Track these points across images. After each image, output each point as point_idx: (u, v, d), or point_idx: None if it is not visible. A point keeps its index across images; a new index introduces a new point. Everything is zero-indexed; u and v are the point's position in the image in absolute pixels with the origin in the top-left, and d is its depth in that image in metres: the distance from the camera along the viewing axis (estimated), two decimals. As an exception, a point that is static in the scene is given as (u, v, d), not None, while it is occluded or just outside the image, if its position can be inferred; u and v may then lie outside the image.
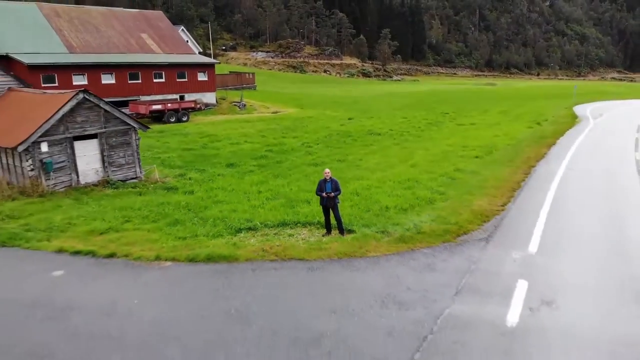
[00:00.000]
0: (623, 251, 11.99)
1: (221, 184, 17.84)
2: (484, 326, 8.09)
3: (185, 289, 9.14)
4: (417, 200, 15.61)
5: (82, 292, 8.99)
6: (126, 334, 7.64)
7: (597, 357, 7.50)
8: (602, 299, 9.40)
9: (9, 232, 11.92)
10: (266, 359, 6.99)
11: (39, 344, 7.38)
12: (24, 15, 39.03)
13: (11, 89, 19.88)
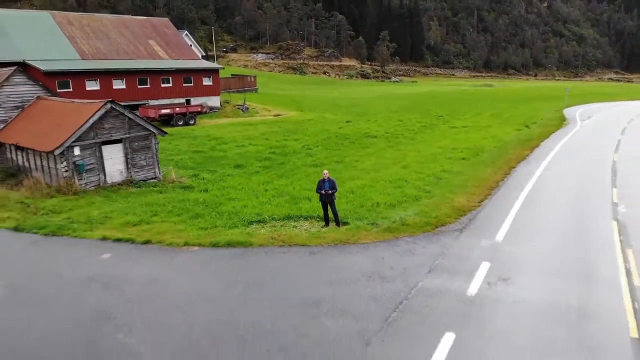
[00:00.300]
0: (578, 241, 14.22)
1: (231, 183, 20.07)
2: (448, 295, 10.31)
3: (212, 267, 11.37)
4: (405, 198, 17.84)
5: (128, 270, 11.21)
6: (168, 299, 9.86)
7: (536, 319, 9.69)
8: (549, 277, 11.62)
9: (56, 224, 14.14)
10: (279, 316, 9.21)
11: (101, 308, 9.58)
12: (38, 24, 41.21)
13: (40, 98, 22.08)
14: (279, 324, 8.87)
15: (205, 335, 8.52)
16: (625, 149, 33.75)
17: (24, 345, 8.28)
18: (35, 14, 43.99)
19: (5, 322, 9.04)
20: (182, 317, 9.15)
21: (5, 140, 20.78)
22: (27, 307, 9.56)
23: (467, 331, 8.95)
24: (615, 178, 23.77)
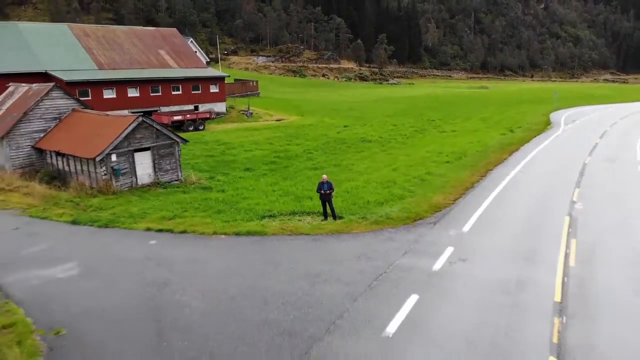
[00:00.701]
0: (532, 232, 17.54)
1: (244, 184, 23.44)
2: (417, 270, 13.67)
3: (237, 250, 14.74)
4: (391, 197, 21.20)
5: (173, 252, 14.56)
6: (207, 272, 13.21)
7: (483, 288, 13.01)
8: (500, 259, 14.95)
9: (106, 218, 17.48)
10: (289, 282, 12.55)
11: (158, 278, 12.91)
12: (57, 36, 44.57)
13: (75, 110, 25.41)
14: (289, 288, 12.22)
15: (237, 294, 11.87)
16: (599, 152, 37.18)
17: (110, 303, 11.60)
18: (54, 26, 47.29)
19: (89, 289, 12.35)
20: (219, 284, 12.50)
21: (46, 147, 24.11)
22: (102, 279, 12.90)
23: (428, 294, 12.30)
24: (581, 179, 27.14)
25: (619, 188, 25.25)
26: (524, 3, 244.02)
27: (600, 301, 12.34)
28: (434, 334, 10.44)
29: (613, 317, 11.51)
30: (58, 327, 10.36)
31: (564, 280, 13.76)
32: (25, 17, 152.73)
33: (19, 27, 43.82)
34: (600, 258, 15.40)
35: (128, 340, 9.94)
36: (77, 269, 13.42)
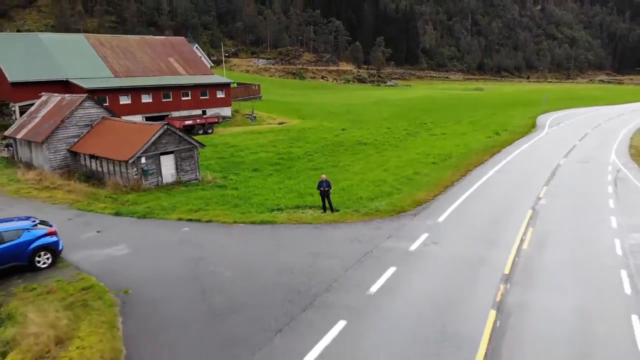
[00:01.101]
0: (497, 222, 21.17)
1: (253, 183, 27.09)
2: (397, 250, 17.31)
3: (254, 235, 18.38)
4: (381, 193, 24.85)
5: (202, 237, 18.21)
6: (232, 252, 16.83)
7: (448, 263, 16.61)
8: (466, 243, 18.58)
9: (142, 210, 21.11)
10: (296, 258, 16.18)
11: (195, 256, 16.51)
12: (75, 45, 48.15)
13: (104, 118, 29.04)
14: (296, 262, 15.86)
15: (257, 267, 15.51)
16: (575, 154, 40.95)
17: (160, 273, 15.20)
18: (72, 36, 50.85)
19: (141, 264, 15.94)
20: (242, 259, 16.14)
21: (81, 150, 27.73)
22: (150, 257, 16.53)
23: (404, 267, 15.95)
24: (552, 178, 30.84)
25: (583, 186, 29.01)
26: (521, 5, 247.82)
27: (539, 274, 15.99)
28: (405, 294, 14.10)
29: (545, 285, 15.18)
30: (125, 288, 14.01)
31: (515, 259, 17.42)
32: (29, 20, 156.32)
33: (40, 38, 47.38)
34: (549, 243, 19.07)
35: (180, 297, 13.58)
36: (127, 249, 17.06)
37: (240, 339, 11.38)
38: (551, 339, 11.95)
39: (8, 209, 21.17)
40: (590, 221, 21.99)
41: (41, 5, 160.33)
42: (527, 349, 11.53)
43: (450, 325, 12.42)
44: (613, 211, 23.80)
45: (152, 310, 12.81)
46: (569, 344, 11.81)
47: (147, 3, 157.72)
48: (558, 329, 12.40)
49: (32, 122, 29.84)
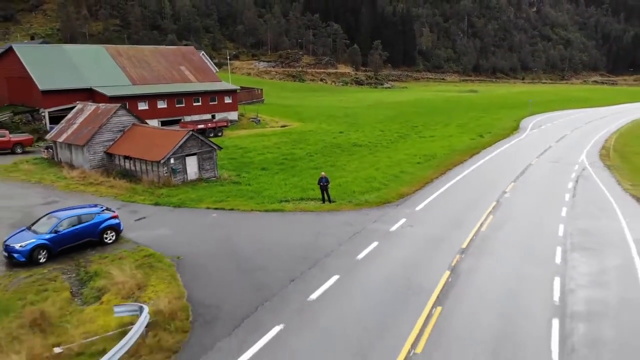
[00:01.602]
0: (464, 211, 26.22)
1: (263, 180, 32.13)
2: (380, 231, 22.36)
3: (267, 220, 23.45)
4: (371, 188, 29.90)
5: (228, 221, 23.24)
6: (250, 232, 21.87)
7: (421, 241, 21.64)
8: (436, 226, 23.63)
9: (176, 201, 26.13)
10: (302, 237, 21.23)
11: (223, 235, 21.54)
12: (96, 56, 53.12)
13: (135, 124, 34.05)
14: (302, 240, 20.89)
15: (272, 243, 20.52)
16: (548, 154, 46.03)
17: (201, 247, 20.17)
18: (93, 47, 55.84)
19: (184, 240, 20.94)
20: (261, 238, 21.16)
21: (116, 152, 32.73)
22: (190, 235, 21.53)
23: (384, 242, 20.98)
24: (521, 176, 35.89)
25: (547, 182, 34.08)
26: (516, 7, 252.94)
27: (488, 249, 21.00)
28: (383, 260, 19.15)
29: (491, 256, 20.17)
30: (177, 255, 19.04)
31: (473, 237, 22.44)
32: (35, 23, 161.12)
33: (64, 49, 52.38)
34: (503, 227, 24.09)
35: (217, 261, 18.60)
36: (171, 230, 22.09)
37: (265, 285, 16.44)
38: (487, 290, 16.95)
39: (65, 201, 26.16)
40: (543, 211, 27.04)
41: (47, 9, 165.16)
42: (467, 296, 16.53)
43: (415, 280, 17.45)
44: (566, 203, 28.86)
45: (200, 269, 17.85)
46: (501, 293, 16.82)
47: (150, 7, 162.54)
48: (494, 285, 17.40)
49: (71, 127, 34.84)
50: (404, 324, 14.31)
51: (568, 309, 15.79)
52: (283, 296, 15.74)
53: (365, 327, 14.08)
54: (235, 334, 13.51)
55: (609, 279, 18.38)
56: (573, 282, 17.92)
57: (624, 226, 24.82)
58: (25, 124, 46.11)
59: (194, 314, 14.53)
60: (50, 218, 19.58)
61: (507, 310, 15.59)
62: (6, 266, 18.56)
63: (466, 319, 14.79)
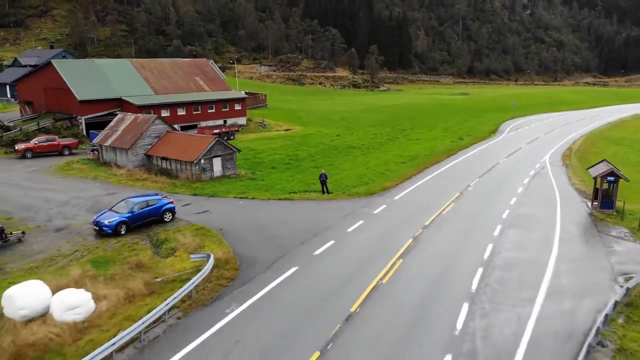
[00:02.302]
0: (433, 199, 34.23)
1: (274, 176, 40.10)
2: (365, 213, 30.34)
3: (280, 206, 31.44)
4: (361, 183, 37.89)
5: (251, 206, 31.19)
6: (270, 214, 29.81)
7: (396, 220, 29.60)
8: (409, 209, 31.65)
9: (209, 192, 34.08)
10: (306, 217, 29.18)
11: (249, 215, 29.45)
12: (123, 68, 61.03)
13: (169, 132, 41.96)
14: (306, 218, 28.86)
15: (284, 221, 28.47)
16: (516, 155, 53.97)
17: (234, 223, 28.09)
18: (119, 61, 63.86)
19: (221, 219, 28.84)
20: (276, 218, 29.12)
21: (154, 154, 40.63)
22: (225, 215, 29.44)
23: (368, 221, 28.96)
24: (486, 173, 43.86)
25: (507, 178, 41.94)
26: (510, 10, 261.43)
27: (445, 226, 28.95)
28: (366, 232, 27.10)
29: (445, 230, 28.16)
30: (220, 227, 26.98)
31: (434, 218, 30.42)
32: (45, 29, 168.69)
33: (95, 63, 60.33)
34: (460, 211, 32.07)
35: (248, 232, 26.54)
36: (210, 213, 30.02)
37: (283, 246, 24.40)
38: (436, 250, 24.84)
39: (121, 193, 34.03)
40: (496, 200, 35.00)
41: (55, 15, 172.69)
42: (422, 254, 24.44)
43: (386, 244, 25.38)
44: (517, 195, 36.79)
45: (237, 236, 25.80)
46: (446, 253, 24.78)
47: (156, 13, 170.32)
48: (442, 248, 25.31)
49: (115, 134, 42.76)
50: (376, 268, 22.26)
51: (491, 263, 23.71)
52: (296, 252, 23.70)
53: (350, 270, 22.04)
54: (267, 272, 21.48)
55: (528, 246, 26.32)
56: (502, 247, 25.86)
57: (558, 212, 32.79)
58: (65, 129, 53.93)
59: (240, 261, 22.48)
60: (127, 202, 27.51)
61: (448, 262, 23.54)
62: (96, 237, 26.44)
63: (418, 267, 22.76)
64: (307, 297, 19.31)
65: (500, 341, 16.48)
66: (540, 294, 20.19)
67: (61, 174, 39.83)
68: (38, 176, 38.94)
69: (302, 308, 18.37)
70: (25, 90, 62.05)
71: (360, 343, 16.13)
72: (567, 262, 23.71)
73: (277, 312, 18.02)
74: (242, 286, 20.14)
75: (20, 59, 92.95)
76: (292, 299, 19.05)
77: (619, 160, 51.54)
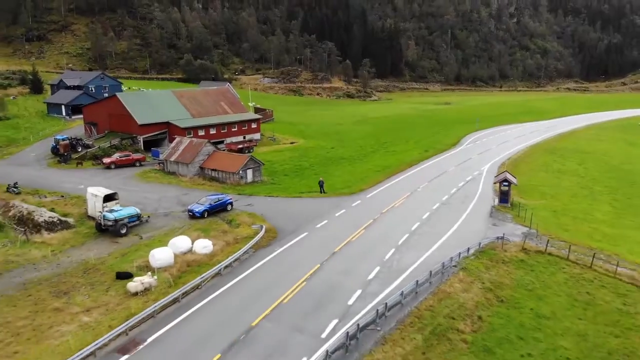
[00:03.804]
0: (394, 196, 55.00)
1: (287, 182, 60.84)
2: (347, 205, 51.00)
3: (295, 201, 52.13)
4: (346, 186, 58.73)
5: (276, 201, 51.78)
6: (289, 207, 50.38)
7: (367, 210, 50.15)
8: (375, 204, 52.37)
9: (248, 192, 54.57)
10: (310, 207, 49.81)
11: (276, 207, 50.00)
12: (166, 97, 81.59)
13: (215, 151, 62.53)
14: (310, 209, 49.48)
15: (298, 210, 49.04)
16: (465, 164, 74.74)
17: (268, 210, 48.54)
18: (163, 91, 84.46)
19: (260, 208, 49.31)
20: (292, 208, 49.71)
21: (206, 166, 61.21)
22: (262, 206, 49.94)
23: (348, 210, 49.63)
24: (435, 179, 64.55)
25: (449, 182, 62.56)
26: (497, 19, 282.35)
27: (395, 212, 49.69)
28: (347, 216, 47.77)
29: (394, 215, 48.89)
30: (262, 213, 47.56)
31: (390, 208, 51.15)
32: (66, 43, 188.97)
33: (146, 94, 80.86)
34: (406, 205, 52.84)
35: (279, 215, 47.06)
36: (252, 205, 50.57)
37: (298, 222, 45.04)
38: (387, 225, 45.50)
39: (192, 193, 54.46)
40: (432, 198, 55.63)
41: (75, 30, 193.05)
42: (378, 226, 45.07)
43: (358, 222, 45.98)
44: (450, 193, 57.47)
45: (272, 217, 46.37)
46: (392, 225, 45.47)
47: (167, 28, 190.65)
48: (390, 224, 46.00)
49: (176, 152, 63.20)
50: (351, 233, 42.85)
51: (415, 232, 44.40)
52: (305, 226, 44.26)
53: (336, 234, 42.58)
54: (291, 235, 42.01)
55: (439, 224, 47.00)
56: (424, 225, 46.48)
57: (472, 205, 53.46)
58: (129, 146, 74.32)
59: (277, 229, 43.04)
60: (207, 198, 48.02)
61: (389, 231, 44.19)
62: (190, 219, 46.82)
63: (373, 232, 43.42)
64: (313, 244, 39.97)
65: (405, 264, 37.02)
66: (435, 245, 40.80)
67: (144, 180, 60.32)
68: (129, 181, 59.43)
69: (311, 249, 39.01)
70: (91, 114, 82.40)
71: (341, 259, 36.75)
72: (460, 232, 44.35)
73: (298, 251, 38.71)
74: (280, 240, 40.78)
75: (65, 80, 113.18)
76: (305, 246, 39.73)
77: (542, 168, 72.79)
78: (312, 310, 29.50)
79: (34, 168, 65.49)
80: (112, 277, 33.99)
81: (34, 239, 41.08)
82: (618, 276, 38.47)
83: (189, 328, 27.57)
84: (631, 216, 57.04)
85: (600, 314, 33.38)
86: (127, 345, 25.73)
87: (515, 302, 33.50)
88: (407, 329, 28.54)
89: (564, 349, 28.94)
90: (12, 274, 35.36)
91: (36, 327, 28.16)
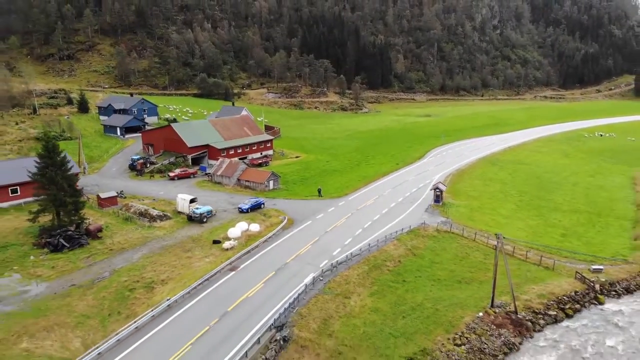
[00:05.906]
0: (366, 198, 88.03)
1: (296, 189, 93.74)
2: (335, 205, 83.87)
3: (303, 202, 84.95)
4: (336, 191, 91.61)
5: (291, 202, 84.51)
6: (301, 205, 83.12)
7: (348, 208, 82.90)
8: (355, 204, 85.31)
9: (272, 196, 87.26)
10: (313, 206, 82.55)
11: (292, 205, 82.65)
12: (205, 126, 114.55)
13: (247, 168, 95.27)
14: (313, 207, 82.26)
15: (306, 207, 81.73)
16: (422, 174, 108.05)
17: (290, 208, 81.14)
18: (202, 121, 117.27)
19: (284, 206, 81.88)
20: (303, 207, 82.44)
21: (242, 179, 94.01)
22: (285, 205, 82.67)
23: (336, 208, 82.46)
24: (398, 186, 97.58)
25: (407, 188, 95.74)
26: (481, 31, 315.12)
27: (367, 207, 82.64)
28: (335, 212, 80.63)
29: (367, 209, 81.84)
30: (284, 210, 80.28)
31: (362, 207, 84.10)
32: (93, 62, 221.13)
33: (191, 124, 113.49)
34: (377, 203, 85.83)
35: (293, 210, 79.70)
36: (276, 205, 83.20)
37: (306, 215, 77.77)
38: (365, 212, 78.38)
39: (235, 197, 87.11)
40: (393, 198, 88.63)
41: (101, 49, 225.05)
42: (358, 215, 77.89)
43: (343, 214, 78.81)
44: (404, 196, 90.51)
45: (290, 212, 79.01)
46: (370, 213, 78.36)
47: (183, 48, 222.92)
48: (366, 213, 78.88)
49: (221, 169, 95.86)
50: (336, 221, 75.62)
51: (376, 220, 77.43)
52: (310, 217, 76.91)
53: (328, 222, 75.33)
54: (301, 223, 74.65)
55: (392, 215, 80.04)
56: (383, 216, 79.36)
57: (416, 204, 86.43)
58: (181, 162, 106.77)
59: (293, 219, 75.68)
60: (249, 200, 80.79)
61: (362, 218, 77.17)
62: (238, 213, 79.36)
63: (351, 221, 76.35)
64: (315, 227, 72.75)
65: (366, 237, 69.82)
66: (385, 227, 73.65)
67: (201, 188, 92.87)
68: (192, 189, 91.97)
69: (314, 230, 71.73)
70: (148, 137, 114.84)
71: (331, 234, 69.63)
72: (403, 220, 77.23)
73: (306, 230, 71.55)
74: (295, 225, 73.53)
75: (112, 104, 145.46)
76: (311, 228, 72.54)
77: (479, 177, 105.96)
78: (315, 256, 62.23)
79: (121, 180, 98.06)
80: (209, 243, 66.54)
81: (154, 225, 73.62)
82: (489, 245, 71.45)
83: (256, 264, 60.22)
84: (525, 211, 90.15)
85: (468, 262, 66.37)
86: (232, 269, 58.44)
87: (421, 255, 66.48)
88: (362, 265, 61.38)
89: (439, 275, 61.86)
90: (152, 243, 67.91)
91: (182, 264, 60.72)
